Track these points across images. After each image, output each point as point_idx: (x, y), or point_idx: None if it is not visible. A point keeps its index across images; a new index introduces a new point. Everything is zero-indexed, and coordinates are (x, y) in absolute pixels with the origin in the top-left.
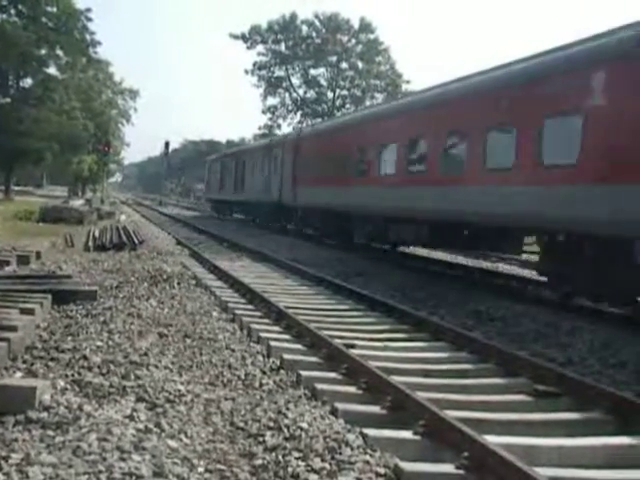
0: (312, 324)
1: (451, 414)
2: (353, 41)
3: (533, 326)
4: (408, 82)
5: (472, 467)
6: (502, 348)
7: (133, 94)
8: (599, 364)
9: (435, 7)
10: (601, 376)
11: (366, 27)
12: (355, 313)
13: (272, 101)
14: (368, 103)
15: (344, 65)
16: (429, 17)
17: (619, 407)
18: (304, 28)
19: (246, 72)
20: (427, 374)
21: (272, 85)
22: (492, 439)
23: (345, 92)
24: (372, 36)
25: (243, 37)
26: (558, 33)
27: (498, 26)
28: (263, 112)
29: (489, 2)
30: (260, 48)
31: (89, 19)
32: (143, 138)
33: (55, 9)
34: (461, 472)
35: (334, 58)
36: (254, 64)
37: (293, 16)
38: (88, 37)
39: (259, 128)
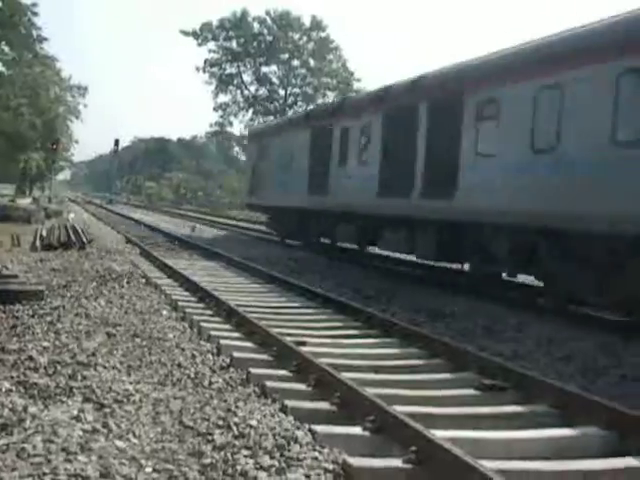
0: (263, 322)
1: (400, 409)
2: (304, 39)
3: (482, 322)
4: (359, 80)
5: (419, 461)
6: (451, 343)
7: (82, 91)
8: (545, 358)
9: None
10: (547, 370)
11: (317, 25)
12: (306, 310)
13: (223, 98)
14: (320, 101)
15: (295, 63)
16: (379, 15)
17: (565, 400)
18: (255, 25)
19: (197, 69)
20: (377, 370)
21: (223, 82)
22: (439, 433)
23: (297, 90)
24: (323, 34)
25: (194, 34)
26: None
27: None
28: (214, 109)
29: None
30: (211, 45)
31: (35, 14)
32: (93, 135)
33: (0, 3)
34: (408, 466)
35: (286, 56)
36: (205, 61)
37: (244, 13)
38: (34, 32)
39: (210, 125)
